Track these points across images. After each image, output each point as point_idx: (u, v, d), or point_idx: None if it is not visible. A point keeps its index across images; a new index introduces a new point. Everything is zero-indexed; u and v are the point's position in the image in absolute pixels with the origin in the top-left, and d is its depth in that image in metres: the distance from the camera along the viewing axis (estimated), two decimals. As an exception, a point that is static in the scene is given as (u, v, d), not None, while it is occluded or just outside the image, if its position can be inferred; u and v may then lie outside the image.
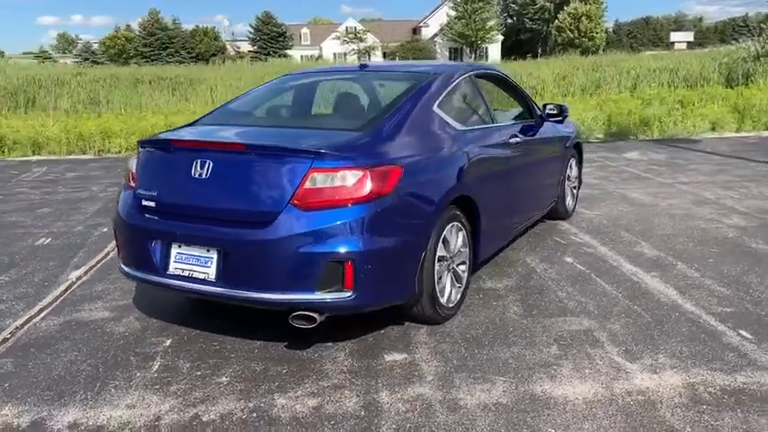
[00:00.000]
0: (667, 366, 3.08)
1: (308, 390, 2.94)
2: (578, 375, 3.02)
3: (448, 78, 3.99)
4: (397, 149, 3.23)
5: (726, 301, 3.89)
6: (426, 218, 3.26)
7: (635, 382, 2.95)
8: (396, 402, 2.82)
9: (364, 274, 2.98)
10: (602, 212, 6.22)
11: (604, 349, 3.29)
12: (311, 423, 2.68)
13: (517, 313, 3.78)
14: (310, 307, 2.97)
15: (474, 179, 3.77)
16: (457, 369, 3.11)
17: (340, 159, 2.97)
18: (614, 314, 3.73)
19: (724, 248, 4.95)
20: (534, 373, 3.05)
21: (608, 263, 4.66)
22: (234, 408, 2.80)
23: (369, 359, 3.23)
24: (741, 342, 3.32)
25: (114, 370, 3.18)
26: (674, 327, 3.53)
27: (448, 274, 3.62)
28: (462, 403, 2.80)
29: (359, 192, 2.96)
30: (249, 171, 3.05)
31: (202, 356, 3.31)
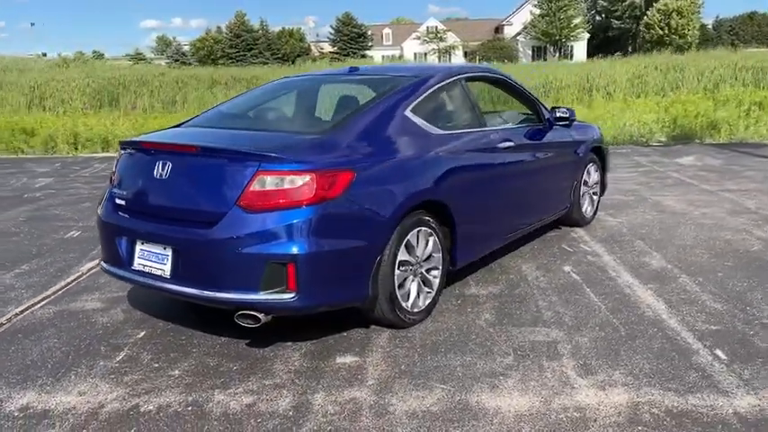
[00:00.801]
0: (619, 383, 2.96)
1: (249, 387, 3.02)
2: (521, 388, 2.95)
3: (428, 82, 3.97)
4: (351, 153, 3.25)
5: (715, 318, 3.68)
6: (382, 222, 3.27)
7: (577, 398, 2.85)
8: (327, 404, 2.85)
9: (308, 275, 3.02)
10: (625, 220, 5.99)
11: (560, 362, 3.19)
12: (238, 420, 2.75)
13: (488, 321, 3.72)
14: (254, 307, 3.04)
15: (449, 184, 3.73)
16: (401, 375, 3.10)
17: (287, 162, 3.03)
18: (588, 326, 3.61)
19: (740, 262, 4.66)
20: (477, 383, 3.00)
21: (606, 273, 4.49)
22: (173, 401, 2.91)
23: (320, 360, 3.28)
24: (711, 362, 3.14)
25: (82, 358, 3.36)
26: (646, 343, 3.38)
27: (414, 280, 3.61)
28: (392, 409, 2.80)
29: (304, 195, 3.00)
30: (202, 172, 3.15)
31: (166, 349, 3.45)
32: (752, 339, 3.38)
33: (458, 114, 4.24)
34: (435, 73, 4.14)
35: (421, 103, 3.82)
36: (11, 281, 4.65)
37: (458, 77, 4.21)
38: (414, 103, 3.76)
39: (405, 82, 3.92)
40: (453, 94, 4.21)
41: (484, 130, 4.19)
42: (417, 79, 3.97)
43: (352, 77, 4.39)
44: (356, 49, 53.89)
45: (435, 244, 3.71)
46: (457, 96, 4.24)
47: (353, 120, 3.50)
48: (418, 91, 3.85)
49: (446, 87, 4.11)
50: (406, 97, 3.75)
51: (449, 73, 4.19)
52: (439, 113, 4.02)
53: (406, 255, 3.50)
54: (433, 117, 3.88)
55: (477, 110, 4.27)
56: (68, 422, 2.75)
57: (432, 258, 3.72)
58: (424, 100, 3.86)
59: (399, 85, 3.86)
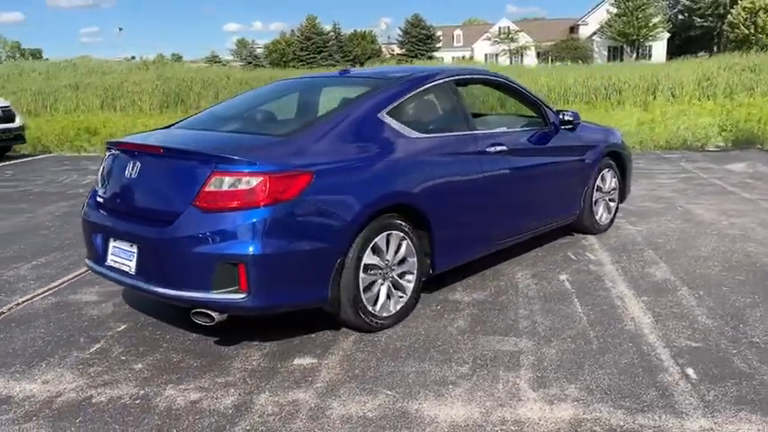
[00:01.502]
0: (569, 399, 2.86)
1: (201, 384, 3.08)
2: (466, 397, 2.89)
3: (410, 85, 3.93)
4: (312, 156, 3.27)
5: (700, 334, 3.48)
6: (343, 225, 3.26)
7: (520, 411, 2.77)
8: (268, 405, 2.87)
9: (259, 277, 3.05)
10: (645, 228, 5.74)
11: (517, 373, 3.10)
12: (177, 415, 2.81)
13: (459, 328, 3.66)
14: (207, 305, 3.10)
15: (425, 188, 3.69)
16: (352, 379, 3.09)
17: (241, 164, 3.08)
18: (560, 338, 3.49)
19: (753, 276, 4.40)
20: (424, 391, 2.96)
21: (602, 283, 4.33)
22: (125, 393, 3.01)
23: (278, 361, 3.31)
24: (677, 381, 2.98)
25: (59, 348, 3.52)
26: (615, 357, 3.24)
27: (384, 284, 3.59)
28: (329, 413, 2.80)
29: (257, 196, 3.04)
30: (165, 172, 3.25)
31: (138, 343, 3.56)
32: (731, 359, 3.18)
33: (441, 118, 4.18)
34: (421, 76, 4.10)
35: (399, 106, 3.80)
36: (25, 272, 4.91)
37: (445, 80, 4.15)
38: (391, 106, 3.73)
39: (386, 85, 3.91)
40: (438, 98, 4.15)
41: (470, 134, 4.11)
42: (399, 82, 3.94)
43: (341, 80, 4.40)
44: (424, 50, 53.85)
45: (409, 248, 3.67)
46: (442, 99, 4.18)
47: (321, 122, 3.52)
48: (397, 94, 3.83)
49: (431, 90, 4.07)
50: (382, 100, 3.73)
51: (435, 76, 4.14)
52: (419, 117, 3.98)
53: (373, 258, 3.48)
54: (412, 120, 3.84)
55: (465, 113, 4.19)
56: (23, 409, 2.89)
57: (406, 262, 3.69)
58: (403, 103, 3.83)
59: (379, 88, 3.85)
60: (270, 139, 3.39)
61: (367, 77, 4.24)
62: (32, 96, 21.62)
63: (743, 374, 3.02)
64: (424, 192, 3.69)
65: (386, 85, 3.91)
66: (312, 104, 4.12)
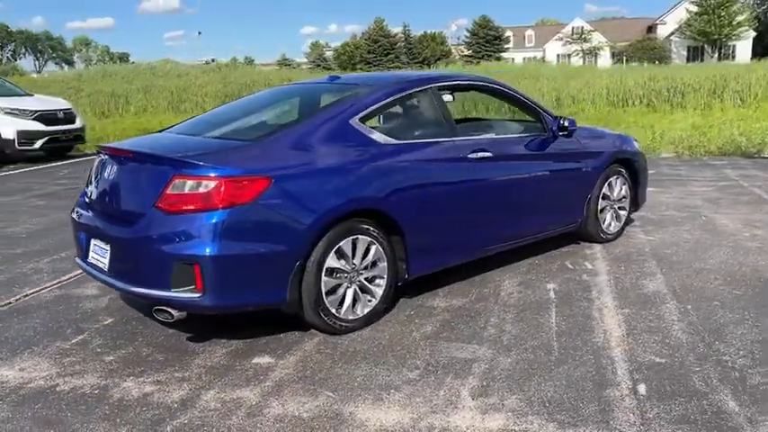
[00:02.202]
0: (506, 409, 2.84)
1: (158, 378, 3.23)
2: (404, 403, 2.92)
3: (386, 92, 3.98)
4: (273, 161, 3.37)
5: (669, 350, 3.38)
6: (302, 228, 3.34)
7: (451, 419, 2.78)
8: (212, 401, 2.99)
9: (214, 277, 3.18)
10: (658, 238, 5.56)
11: (463, 381, 3.11)
12: (126, 406, 2.96)
13: (425, 334, 3.67)
14: (167, 303, 3.25)
15: (396, 194, 3.73)
16: (300, 379, 3.17)
17: (200, 168, 3.21)
18: (522, 347, 3.46)
19: (752, 292, 4.21)
20: (365, 394, 3.01)
21: (588, 294, 4.24)
22: (87, 383, 3.19)
23: (239, 358, 3.42)
24: (623, 397, 2.92)
25: (45, 338, 3.75)
26: (570, 369, 3.19)
27: (350, 287, 3.64)
28: (266, 411, 2.88)
29: (213, 199, 3.16)
30: (135, 175, 3.42)
31: (117, 337, 3.75)
32: (691, 377, 3.08)
33: (419, 124, 4.20)
34: (399, 83, 4.13)
35: (373, 112, 3.86)
36: (43, 265, 5.23)
37: (427, 87, 4.17)
38: (363, 112, 3.79)
39: (363, 92, 3.96)
40: (417, 105, 4.17)
41: (450, 141, 4.11)
42: (377, 89, 3.99)
43: (329, 87, 4.47)
44: (491, 51, 53.30)
45: (379, 252, 3.71)
46: (422, 106, 4.19)
47: (288, 128, 3.62)
48: (372, 101, 3.88)
49: (409, 97, 4.10)
50: (355, 107, 3.79)
51: (416, 82, 4.17)
52: (394, 123, 4.01)
53: (337, 262, 3.54)
54: (386, 127, 3.89)
55: (447, 119, 4.18)
56: (-7, 393, 3.11)
57: (376, 267, 3.73)
58: (377, 110, 3.89)
59: (355, 95, 3.91)
60: (237, 145, 3.52)
61: (351, 84, 4.29)
62: (106, 98, 22.82)
63: (696, 393, 2.92)
64: (395, 197, 3.73)
65: (363, 91, 3.96)
66: (295, 110, 4.21)
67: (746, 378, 3.04)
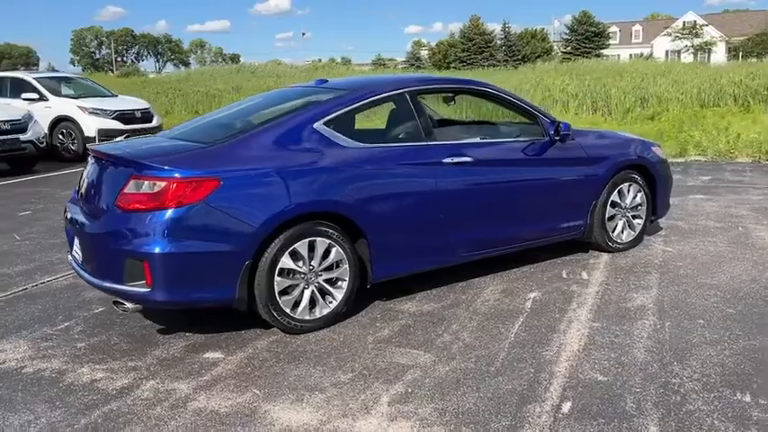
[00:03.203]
0: (416, 418, 2.83)
1: (113, 366, 3.43)
2: (321, 405, 2.97)
3: (356, 96, 4.01)
4: (225, 163, 3.49)
5: (618, 368, 3.23)
6: (252, 229, 3.44)
7: (358, 423, 2.80)
8: (146, 391, 3.15)
9: (161, 273, 3.34)
10: (677, 249, 5.26)
11: (389, 387, 3.11)
12: (72, 390, 3.17)
13: (379, 338, 3.69)
14: (121, 296, 3.46)
15: (358, 198, 3.76)
16: (237, 376, 3.28)
17: (153, 169, 3.39)
18: (466, 357, 3.41)
19: (747, 311, 3.93)
20: (288, 393, 3.07)
21: (566, 305, 4.10)
22: (50, 367, 3.44)
23: (193, 352, 3.58)
24: (541, 414, 2.83)
25: (37, 323, 4.07)
26: (502, 382, 3.12)
27: (308, 288, 3.72)
28: (189, 404, 3.01)
29: (163, 199, 3.33)
30: (105, 176, 3.64)
31: (99, 325, 4.01)
32: (626, 399, 2.93)
33: (390, 128, 4.19)
34: (377, 87, 4.15)
35: (340, 116, 3.89)
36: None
37: (403, 91, 4.16)
38: (329, 116, 3.84)
39: (334, 95, 4.01)
40: (390, 108, 4.17)
41: (422, 145, 4.08)
42: (348, 93, 4.04)
43: (310, 90, 4.52)
44: (591, 48, 51.39)
45: (340, 255, 3.76)
46: (395, 110, 4.19)
47: (248, 132, 3.73)
48: (340, 105, 3.92)
49: (381, 101, 4.11)
50: (321, 110, 3.86)
51: (391, 87, 4.17)
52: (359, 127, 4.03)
53: (292, 263, 3.62)
54: (351, 130, 3.92)
55: (422, 124, 4.15)
56: (-33, 371, 3.42)
57: (337, 268, 3.78)
58: (345, 114, 3.93)
59: (324, 99, 3.97)
60: (196, 147, 3.67)
61: (332, 88, 4.34)
62: (200, 97, 24.10)
63: (621, 416, 2.79)
64: (357, 201, 3.76)
65: (334, 95, 4.02)
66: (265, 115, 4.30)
67: (685, 404, 2.86)
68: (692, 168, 9.53)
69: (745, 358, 3.28)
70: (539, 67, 26.35)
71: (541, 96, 18.20)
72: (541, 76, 20.87)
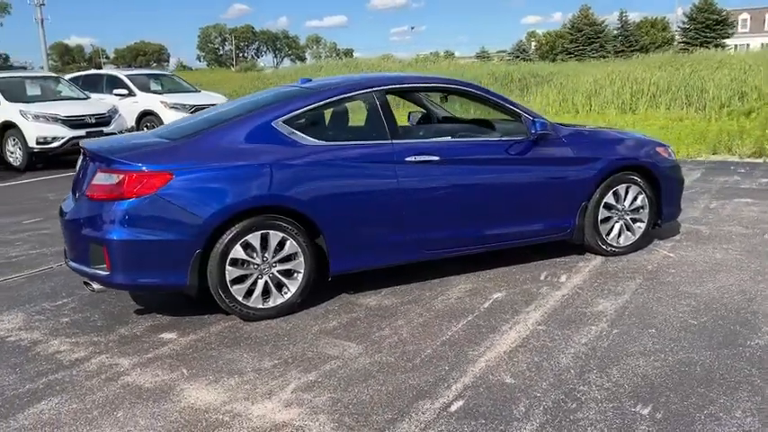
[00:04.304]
0: (307, 406, 2.97)
1: (79, 340, 3.80)
2: (232, 387, 3.16)
3: (319, 96, 4.17)
4: (180, 159, 3.76)
5: (532, 373, 3.21)
6: (202, 221, 3.68)
7: (254, 407, 2.98)
8: (94, 364, 3.47)
9: (117, 258, 3.68)
10: (680, 255, 5.02)
11: (303, 375, 3.26)
12: (34, 359, 3.56)
13: (324, 329, 3.84)
14: (88, 277, 3.83)
15: (313, 193, 3.92)
16: (177, 356, 3.54)
17: (114, 163, 3.73)
18: (392, 352, 3.50)
19: (711, 325, 3.75)
20: (210, 375, 3.29)
21: (523, 307, 4.07)
22: (29, 338, 3.86)
23: (152, 332, 3.88)
24: (426, 410, 2.90)
25: (42, 299, 4.54)
26: (411, 378, 3.20)
27: (262, 278, 3.93)
28: (122, 379, 3.30)
29: (120, 190, 3.66)
30: (87, 169, 4.01)
31: (91, 303, 4.40)
32: (519, 402, 2.93)
33: (351, 127, 4.30)
34: (342, 86, 4.29)
35: (301, 115, 4.07)
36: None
37: (369, 91, 4.26)
38: (289, 115, 4.02)
39: (298, 94, 4.20)
40: (352, 108, 4.28)
41: (384, 143, 4.16)
42: (311, 92, 4.20)
43: (289, 89, 4.68)
44: (712, 37, 47.99)
45: (294, 248, 3.94)
46: (358, 110, 4.30)
47: (211, 129, 3.99)
48: (302, 104, 4.10)
49: (348, 100, 4.23)
50: (282, 109, 4.05)
51: (357, 87, 4.29)
52: (323, 126, 4.18)
53: (244, 254, 3.84)
54: (313, 129, 4.08)
55: (386, 123, 4.22)
56: (-36, 337, 3.92)
57: (292, 261, 3.97)
58: (306, 112, 4.09)
59: (287, 97, 4.16)
60: (163, 143, 3.96)
61: (304, 88, 4.50)
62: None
63: (504, 420, 2.80)
64: (312, 197, 3.92)
65: (300, 95, 4.19)
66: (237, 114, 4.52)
67: (576, 412, 2.83)
68: (759, 170, 8.87)
69: (672, 371, 3.15)
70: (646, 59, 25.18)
71: (630, 91, 17.41)
72: (634, 68, 19.91)
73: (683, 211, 6.09)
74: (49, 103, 11.26)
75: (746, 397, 2.89)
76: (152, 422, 2.87)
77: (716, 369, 3.16)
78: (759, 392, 2.93)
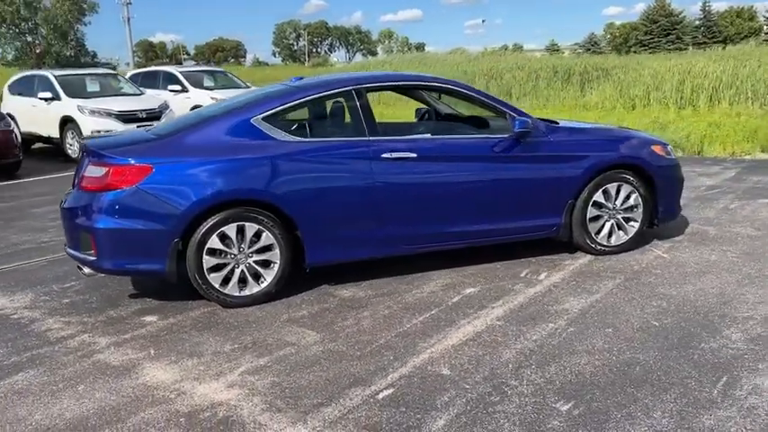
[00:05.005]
0: (247, 387, 3.15)
1: (70, 320, 4.12)
2: (187, 368, 3.39)
3: (299, 94, 4.35)
4: (161, 153, 4.03)
5: (471, 365, 3.29)
6: (179, 212, 3.92)
7: (199, 387, 3.19)
8: (76, 342, 3.78)
9: (101, 245, 3.98)
10: (673, 257, 4.94)
11: (255, 360, 3.45)
12: (27, 335, 3.90)
13: (292, 318, 4.02)
14: (80, 262, 4.15)
15: (287, 187, 4.10)
16: (151, 337, 3.80)
17: (102, 157, 4.03)
18: (348, 342, 3.64)
19: (669, 326, 3.71)
20: (173, 356, 3.53)
21: (490, 303, 4.13)
22: (28, 316, 4.21)
23: (137, 315, 4.16)
24: (355, 397, 3.03)
25: (54, 281, 4.90)
26: (353, 367, 3.34)
27: (238, 267, 4.16)
28: (95, 356, 3.58)
29: (105, 182, 3.96)
30: (83, 163, 4.33)
31: (93, 286, 4.73)
32: (445, 393, 3.03)
33: (329, 124, 4.44)
34: (324, 85, 4.45)
35: (280, 112, 4.26)
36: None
37: (349, 89, 4.40)
38: (268, 112, 4.22)
39: (284, 92, 4.39)
40: (331, 105, 4.43)
41: (360, 140, 4.29)
42: (295, 90, 4.38)
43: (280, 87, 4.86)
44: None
45: (270, 239, 4.15)
46: (337, 107, 4.44)
47: (195, 125, 4.23)
48: (281, 101, 4.28)
49: (327, 98, 4.39)
50: (262, 106, 4.25)
51: (337, 85, 4.44)
52: (301, 123, 4.35)
53: (221, 244, 4.07)
54: (290, 126, 4.27)
55: (365, 120, 4.35)
56: (-25, 313, 4.32)
57: (268, 252, 4.17)
58: (285, 110, 4.28)
59: (270, 95, 4.36)
60: (151, 139, 4.24)
61: (290, 85, 4.67)
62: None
63: (426, 408, 2.91)
64: (287, 191, 4.11)
65: (281, 92, 4.38)
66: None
67: (496, 405, 2.91)
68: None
69: (611, 371, 3.17)
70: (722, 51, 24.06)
71: (691, 85, 16.75)
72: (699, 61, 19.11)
73: (697, 210, 5.97)
74: (104, 99, 11.92)
75: (673, 399, 2.88)
76: (106, 395, 3.12)
77: (656, 370, 3.15)
78: (688, 395, 2.91)
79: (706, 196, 6.95)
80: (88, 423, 2.89)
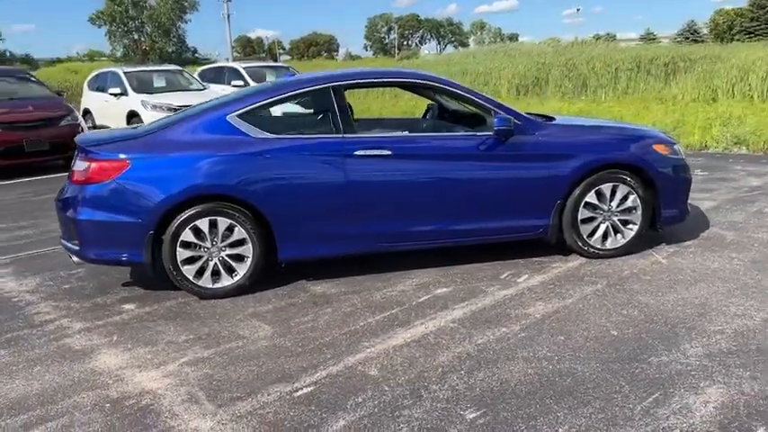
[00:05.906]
0: (181, 377, 3.27)
1: (60, 305, 4.39)
2: (138, 356, 3.55)
3: (276, 91, 4.42)
4: (138, 149, 4.21)
5: (403, 367, 3.27)
6: (153, 205, 4.09)
7: (140, 374, 3.34)
8: (53, 326, 4.02)
9: (83, 235, 4.22)
10: (673, 262, 4.67)
11: (201, 351, 3.57)
12: (16, 317, 4.19)
13: (257, 312, 4.10)
14: (69, 251, 4.42)
15: (257, 183, 4.19)
16: (121, 324, 3.99)
17: (86, 152, 4.26)
18: (293, 338, 3.69)
19: (626, 335, 3.53)
20: (129, 343, 3.70)
21: (457, 304, 4.06)
22: (26, 299, 4.53)
23: (119, 303, 4.38)
24: (277, 392, 3.08)
25: (61, 268, 5.21)
26: (296, 361, 3.39)
27: (211, 260, 4.30)
28: (66, 339, 3.81)
29: (87, 176, 4.19)
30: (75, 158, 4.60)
31: (95, 274, 5.02)
32: (362, 395, 3.03)
33: (303, 121, 4.47)
34: (303, 82, 4.50)
35: (255, 109, 4.35)
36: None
37: (327, 86, 4.42)
38: (244, 109, 4.32)
39: (264, 89, 4.48)
40: (306, 103, 4.46)
41: (334, 137, 4.30)
42: (274, 87, 4.46)
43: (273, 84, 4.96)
44: None
45: (242, 234, 4.26)
46: (312, 104, 4.47)
47: (172, 122, 4.39)
48: (257, 98, 4.38)
49: (301, 96, 4.44)
50: (238, 103, 4.36)
51: (316, 83, 4.47)
52: (275, 120, 4.41)
53: (194, 238, 4.22)
54: (265, 123, 4.35)
55: (340, 117, 4.36)
56: (-16, 295, 4.69)
57: (240, 246, 4.29)
58: (261, 107, 4.36)
59: (250, 92, 4.46)
60: (131, 135, 4.44)
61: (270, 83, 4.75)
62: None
63: (336, 408, 2.92)
64: (257, 187, 4.20)
65: (261, 89, 4.47)
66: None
67: (408, 408, 2.88)
68: None
69: (539, 380, 3.06)
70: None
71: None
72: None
73: (725, 213, 5.64)
74: (167, 94, 12.49)
75: (589, 414, 2.76)
76: (53, 378, 3.32)
77: (587, 382, 3.02)
78: (607, 410, 2.77)
79: (743, 198, 6.48)
80: (26, 403, 3.08)
